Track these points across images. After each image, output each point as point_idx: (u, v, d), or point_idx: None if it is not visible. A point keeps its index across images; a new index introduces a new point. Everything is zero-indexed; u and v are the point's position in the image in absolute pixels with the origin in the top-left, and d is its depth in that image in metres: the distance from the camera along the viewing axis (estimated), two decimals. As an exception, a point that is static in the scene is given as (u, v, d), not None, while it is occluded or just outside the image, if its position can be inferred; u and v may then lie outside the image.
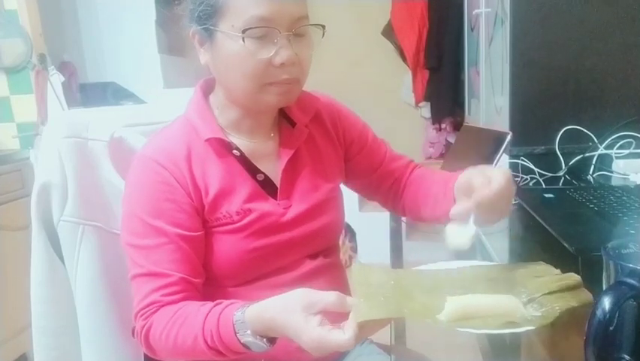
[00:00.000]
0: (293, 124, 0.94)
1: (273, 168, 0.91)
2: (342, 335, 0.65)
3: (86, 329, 0.97)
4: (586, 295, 0.65)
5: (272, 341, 0.73)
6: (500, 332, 0.61)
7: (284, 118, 0.95)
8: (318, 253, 0.95)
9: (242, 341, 0.73)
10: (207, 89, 0.93)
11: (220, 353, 0.76)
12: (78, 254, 0.95)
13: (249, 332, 0.72)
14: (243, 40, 0.79)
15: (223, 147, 0.88)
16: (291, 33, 0.80)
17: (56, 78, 2.39)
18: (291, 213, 0.90)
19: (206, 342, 0.75)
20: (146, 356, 1.02)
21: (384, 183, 1.03)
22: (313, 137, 0.97)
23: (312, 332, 0.66)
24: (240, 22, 0.79)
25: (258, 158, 0.90)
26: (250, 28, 0.79)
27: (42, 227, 0.95)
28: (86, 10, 2.90)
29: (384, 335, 1.05)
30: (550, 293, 0.67)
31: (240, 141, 0.90)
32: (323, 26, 0.85)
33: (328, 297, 0.67)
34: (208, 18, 0.82)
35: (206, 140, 0.86)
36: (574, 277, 0.69)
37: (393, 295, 0.68)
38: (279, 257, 0.90)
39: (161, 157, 0.85)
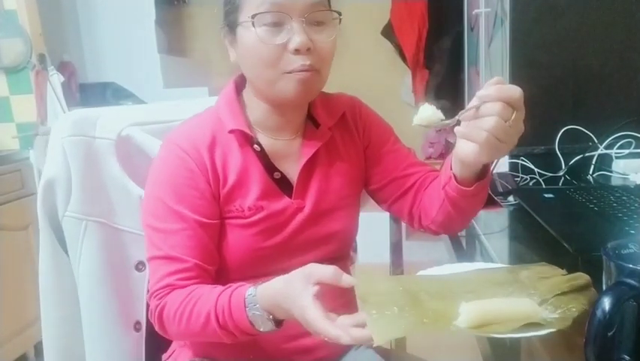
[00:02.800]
0: (317, 125, 0.94)
1: (293, 167, 0.91)
2: (324, 324, 0.66)
3: (87, 321, 1.00)
4: (596, 296, 0.65)
5: (278, 324, 0.76)
6: (524, 336, 0.60)
7: (309, 119, 0.94)
8: (326, 259, 0.93)
9: (249, 316, 0.75)
10: (241, 84, 0.93)
11: (229, 331, 0.78)
12: (81, 248, 0.97)
13: (258, 305, 0.75)
14: (254, 26, 0.80)
15: (245, 140, 0.88)
16: (304, 19, 0.80)
17: (56, 78, 2.39)
18: (303, 215, 0.90)
19: (217, 319, 0.77)
20: (147, 347, 1.03)
21: (399, 189, 0.97)
22: (336, 142, 0.96)
23: (304, 299, 0.69)
24: (253, 11, 0.81)
25: (280, 156, 0.91)
26: (259, 14, 0.80)
27: (48, 222, 0.98)
28: (86, 10, 2.90)
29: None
30: (562, 294, 0.66)
31: (265, 138, 0.90)
32: (339, 13, 0.85)
33: (326, 269, 0.70)
34: (231, 15, 0.85)
35: (230, 131, 0.87)
36: (584, 277, 0.68)
37: (405, 304, 0.66)
38: (286, 259, 0.90)
39: (185, 143, 0.86)
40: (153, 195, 0.87)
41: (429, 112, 0.74)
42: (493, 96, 0.70)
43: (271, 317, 0.75)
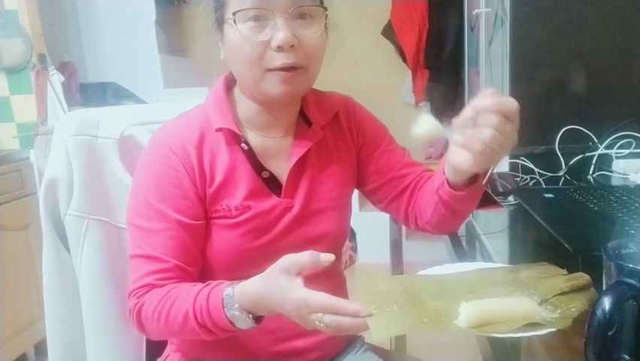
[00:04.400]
0: (310, 124, 0.92)
1: (283, 166, 0.90)
2: (335, 300, 0.65)
3: (89, 319, 1.00)
4: (596, 296, 0.65)
5: (258, 320, 0.75)
6: (524, 336, 0.60)
7: (302, 117, 0.93)
8: None
9: (228, 316, 0.74)
10: (232, 80, 0.92)
11: (209, 330, 0.77)
12: (83, 247, 0.98)
13: (236, 305, 0.74)
14: (235, 23, 0.79)
15: (233, 139, 0.87)
16: (288, 15, 0.78)
17: (56, 78, 2.39)
18: (291, 215, 0.89)
19: (195, 318, 0.76)
20: (147, 345, 1.03)
21: (394, 190, 0.96)
22: (328, 141, 0.94)
23: (296, 292, 0.68)
24: (236, 8, 0.79)
25: (270, 155, 0.89)
26: (240, 10, 0.79)
27: (50, 220, 0.99)
28: (86, 10, 2.90)
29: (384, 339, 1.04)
30: (562, 294, 0.66)
31: (255, 136, 0.89)
32: (325, 8, 0.83)
33: (302, 257, 0.70)
34: (218, 11, 0.84)
35: (217, 129, 0.86)
36: (584, 277, 0.68)
37: (406, 303, 0.66)
38: (274, 260, 0.88)
39: (172, 142, 0.85)
40: (138, 193, 0.86)
41: (430, 125, 0.74)
42: (490, 108, 0.69)
43: (250, 315, 0.74)
